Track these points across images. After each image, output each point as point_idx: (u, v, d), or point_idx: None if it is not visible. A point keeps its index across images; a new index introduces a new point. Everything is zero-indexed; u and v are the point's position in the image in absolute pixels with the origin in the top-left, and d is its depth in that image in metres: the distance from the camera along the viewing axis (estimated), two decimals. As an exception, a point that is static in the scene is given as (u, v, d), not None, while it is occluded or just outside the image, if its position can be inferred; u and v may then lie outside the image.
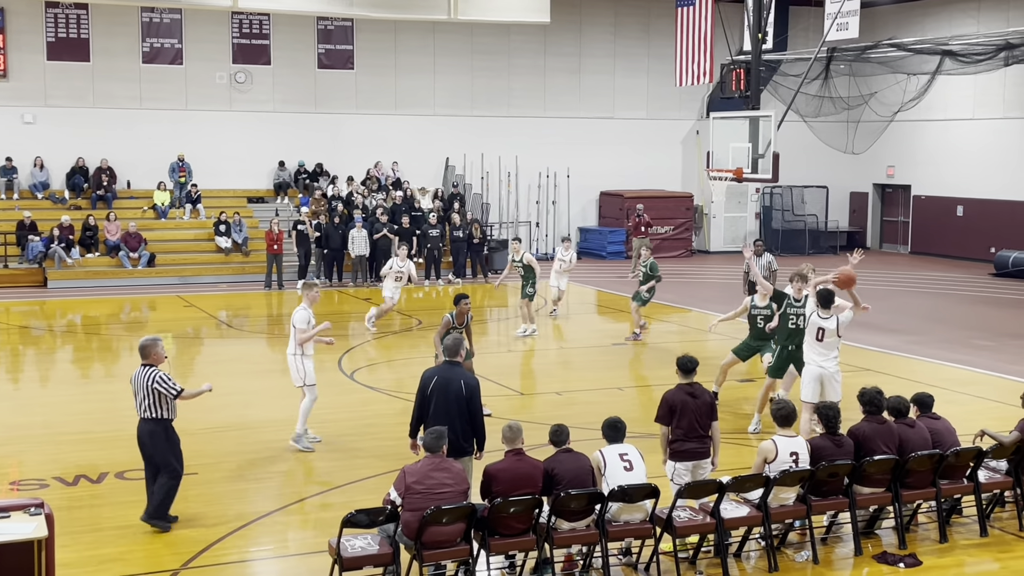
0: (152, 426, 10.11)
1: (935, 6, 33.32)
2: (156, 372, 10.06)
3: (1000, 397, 15.08)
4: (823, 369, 12.14)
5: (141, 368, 10.13)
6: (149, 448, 10.18)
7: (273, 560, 9.75)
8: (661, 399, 9.74)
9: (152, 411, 10.07)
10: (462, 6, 28.40)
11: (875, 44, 24.60)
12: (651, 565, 9.04)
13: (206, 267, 28.17)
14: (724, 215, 35.88)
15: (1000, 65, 22.90)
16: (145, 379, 10.03)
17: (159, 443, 10.14)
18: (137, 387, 10.10)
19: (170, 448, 10.23)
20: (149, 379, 10.01)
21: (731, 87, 24.10)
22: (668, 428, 9.73)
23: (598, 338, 20.89)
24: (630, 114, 35.06)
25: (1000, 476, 10.32)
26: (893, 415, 10.04)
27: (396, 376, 16.95)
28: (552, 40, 33.70)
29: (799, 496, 9.45)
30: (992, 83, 31.24)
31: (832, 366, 12.15)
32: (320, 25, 31.43)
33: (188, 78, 30.37)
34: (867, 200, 37.38)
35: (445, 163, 32.98)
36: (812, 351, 12.21)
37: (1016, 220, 31.62)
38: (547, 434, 9.09)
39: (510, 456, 8.75)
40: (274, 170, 31.20)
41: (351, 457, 12.50)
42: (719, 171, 23.45)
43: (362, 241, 27.55)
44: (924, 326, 21.91)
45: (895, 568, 9.25)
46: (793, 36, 32.78)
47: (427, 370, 9.81)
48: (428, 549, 8.32)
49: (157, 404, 10.04)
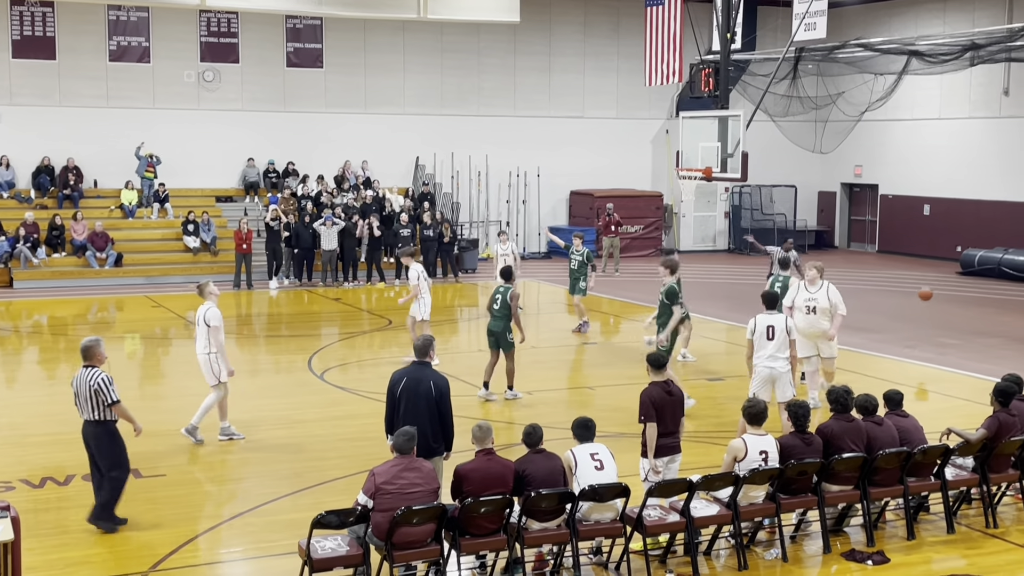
0: (95, 428, 10.01)
1: (902, 7, 33.59)
2: (99, 374, 9.97)
3: (966, 395, 15.21)
4: (772, 369, 12.43)
5: (83, 369, 10.03)
6: (93, 450, 10.08)
7: (243, 562, 9.70)
8: (641, 398, 9.73)
9: (95, 413, 9.96)
10: (432, 5, 28.35)
11: (843, 44, 24.74)
12: (621, 564, 9.06)
13: (174, 267, 27.98)
14: (694, 214, 36.03)
15: (966, 65, 23.08)
16: (88, 381, 9.92)
17: (103, 445, 10.05)
18: (79, 388, 9.99)
19: (115, 450, 10.12)
20: (91, 381, 9.90)
21: (700, 87, 24.14)
22: (654, 426, 9.70)
23: (569, 337, 20.91)
24: (600, 113, 35.13)
25: (967, 473, 10.41)
26: (861, 412, 10.12)
27: (366, 376, 16.91)
28: (522, 39, 33.71)
29: (768, 494, 9.50)
30: (958, 83, 31.55)
31: (782, 366, 12.44)
32: (289, 23, 31.29)
33: (155, 77, 30.15)
34: (835, 199, 37.64)
35: (415, 162, 32.91)
36: (763, 351, 12.44)
37: (982, 219, 31.93)
38: (518, 434, 9.09)
39: (480, 456, 8.74)
40: (243, 169, 31.05)
41: (321, 458, 12.45)
42: (688, 170, 23.51)
43: (331, 236, 27.44)
44: (891, 324, 22.08)
45: (863, 565, 9.32)
46: (762, 36, 32.93)
47: (396, 371, 9.78)
48: (398, 550, 8.30)
49: (100, 406, 9.94)
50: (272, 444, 13.08)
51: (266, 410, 14.72)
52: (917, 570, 9.22)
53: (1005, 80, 31.10)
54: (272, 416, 14.40)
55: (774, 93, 25.13)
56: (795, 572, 9.25)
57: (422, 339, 9.83)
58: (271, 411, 14.68)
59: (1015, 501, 10.80)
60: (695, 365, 17.58)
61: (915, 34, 27.52)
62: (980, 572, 9.09)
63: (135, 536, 9.95)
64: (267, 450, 12.83)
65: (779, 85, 25.01)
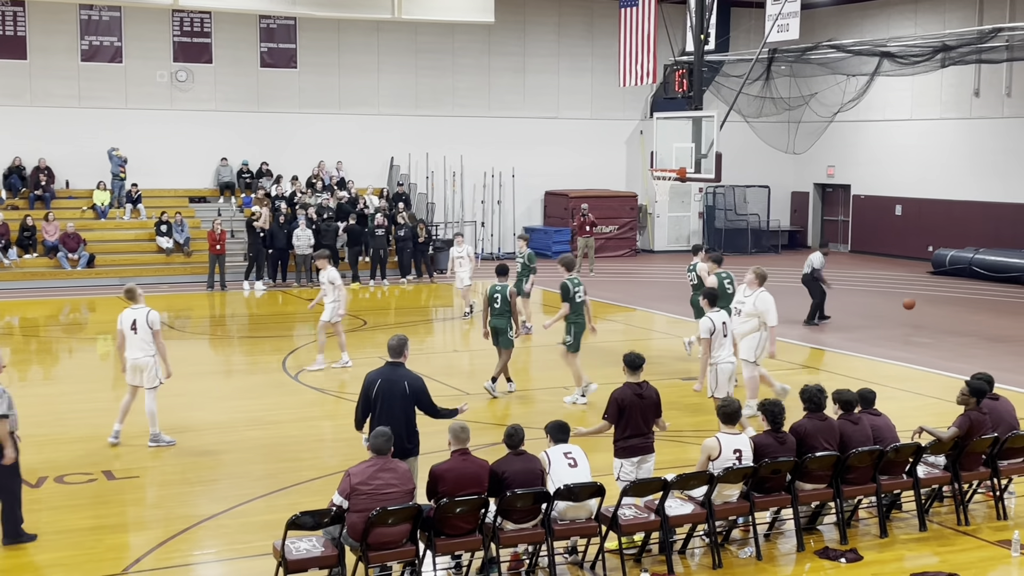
0: None
1: (873, 8, 33.82)
2: None
3: (938, 393, 15.33)
4: (732, 364, 12.81)
5: None
6: None
7: (217, 563, 9.66)
8: (610, 397, 9.79)
9: None
10: (406, 5, 28.31)
11: (815, 45, 24.91)
12: (597, 563, 9.08)
13: (147, 268, 27.82)
14: (668, 215, 36.14)
15: (937, 66, 23.28)
16: None
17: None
18: None
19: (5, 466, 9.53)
20: None
21: (674, 87, 24.25)
22: (612, 426, 9.79)
23: (544, 337, 20.93)
24: (575, 114, 35.19)
25: (938, 471, 10.49)
26: (844, 408, 10.18)
27: (341, 378, 16.86)
28: (496, 40, 33.72)
29: (742, 493, 9.54)
30: (929, 85, 31.80)
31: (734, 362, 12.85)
32: (263, 24, 31.18)
33: (128, 76, 29.97)
34: (808, 200, 37.85)
35: (390, 163, 32.86)
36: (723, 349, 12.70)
37: (953, 219, 32.19)
38: (492, 434, 9.09)
39: (456, 456, 8.74)
40: (216, 169, 30.91)
41: (295, 459, 12.41)
42: (663, 171, 23.59)
43: (306, 240, 27.38)
44: (864, 323, 22.22)
45: (836, 563, 9.37)
46: (735, 37, 33.08)
47: (370, 372, 9.73)
48: (374, 550, 8.28)
49: None
50: (246, 445, 13.03)
51: (240, 411, 14.67)
52: (889, 568, 9.28)
53: (976, 81, 31.37)
54: (246, 417, 14.35)
55: (747, 94, 25.27)
56: (769, 570, 9.29)
57: (396, 339, 9.79)
58: (245, 412, 14.63)
59: (986, 499, 10.89)
60: (669, 365, 17.61)
61: (887, 35, 27.74)
62: (952, 569, 9.16)
63: (108, 538, 9.89)
64: (241, 451, 12.78)
65: (752, 86, 25.14)
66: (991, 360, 17.94)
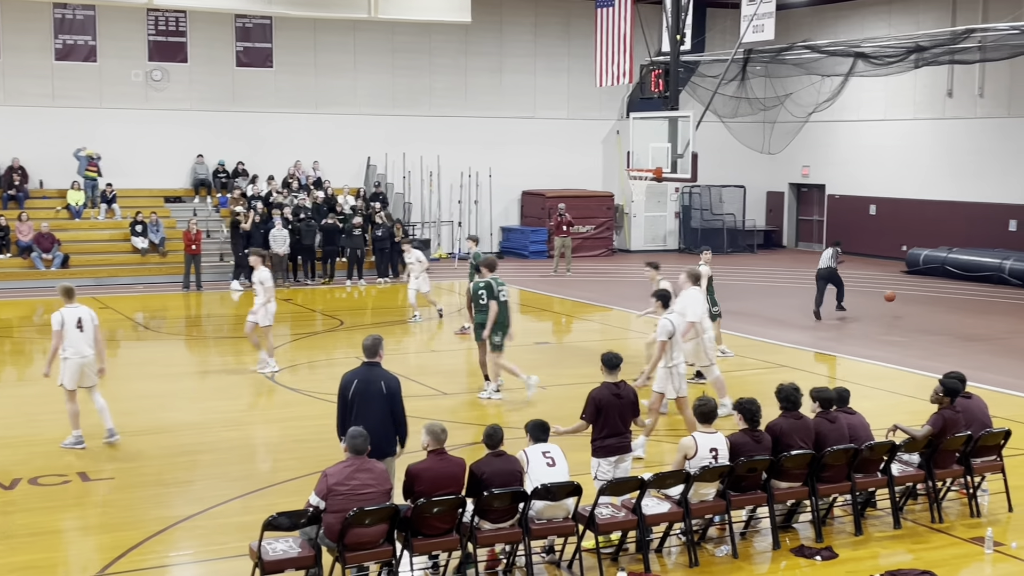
0: None
1: (847, 9, 34.01)
2: None
3: (912, 392, 15.43)
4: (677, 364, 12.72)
5: None
6: None
7: (193, 564, 9.62)
8: (588, 397, 9.80)
9: None
10: (382, 5, 28.26)
11: (790, 46, 25.02)
12: (574, 562, 9.10)
13: (122, 268, 27.68)
14: (644, 214, 36.24)
15: (910, 67, 23.44)
16: None
17: None
18: None
19: None
20: None
21: (650, 87, 24.32)
22: (588, 426, 9.80)
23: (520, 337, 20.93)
24: (551, 114, 35.23)
25: (912, 469, 10.56)
26: (824, 406, 10.25)
27: (318, 377, 16.82)
28: (473, 39, 33.72)
29: (719, 491, 9.58)
30: (903, 85, 32.01)
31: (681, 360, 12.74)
32: (238, 23, 31.06)
33: (102, 76, 29.80)
34: (783, 199, 38.03)
35: (367, 162, 32.80)
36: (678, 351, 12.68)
37: (926, 219, 32.42)
38: (470, 434, 9.09)
39: (432, 456, 8.73)
40: (192, 168, 30.78)
41: (272, 459, 12.38)
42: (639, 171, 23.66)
43: (283, 240, 27.30)
44: (838, 323, 22.34)
45: (812, 561, 9.43)
46: (711, 38, 33.20)
47: (346, 373, 9.69)
48: (351, 551, 8.27)
49: None
50: (222, 446, 12.98)
51: (216, 412, 14.62)
52: (864, 565, 9.34)
53: (949, 82, 31.60)
54: (222, 418, 14.30)
55: (723, 94, 25.37)
56: (745, 568, 9.33)
57: (371, 339, 9.77)
58: (221, 413, 14.58)
59: (960, 496, 10.97)
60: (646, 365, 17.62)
61: (861, 36, 27.91)
62: (926, 566, 9.22)
63: (83, 540, 9.84)
64: (217, 452, 12.73)
65: (728, 86, 25.25)
66: (964, 359, 18.08)
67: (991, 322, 22.65)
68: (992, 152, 30.76)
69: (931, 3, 31.59)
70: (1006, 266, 28.30)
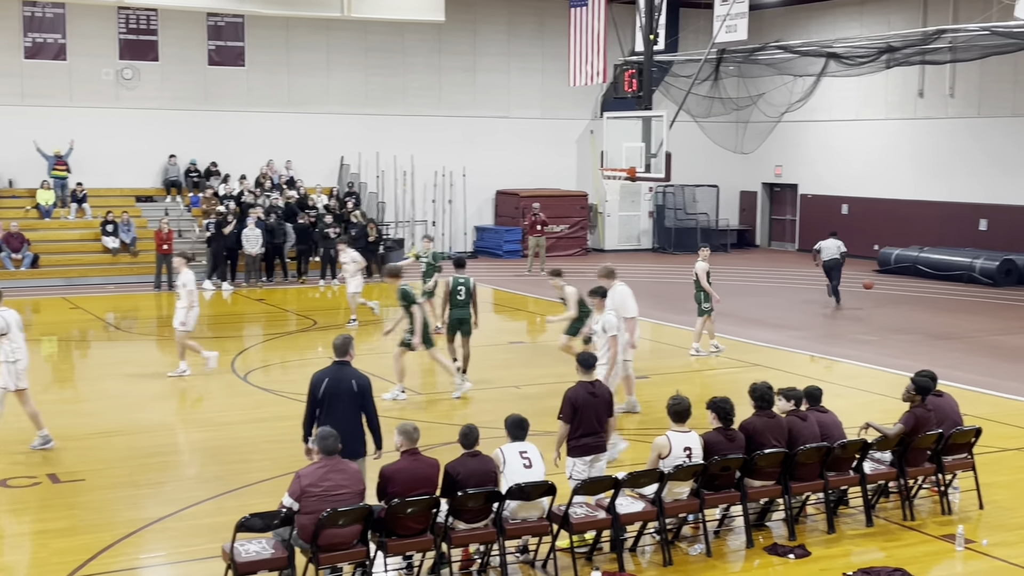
0: None
1: (820, 9, 34.19)
2: None
3: (884, 390, 15.52)
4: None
5: None
6: None
7: (165, 566, 9.55)
8: (564, 397, 9.79)
9: None
10: (355, 4, 28.16)
11: (763, 46, 25.13)
12: (548, 562, 9.09)
13: (93, 268, 27.48)
14: (618, 214, 36.32)
15: (882, 67, 23.59)
16: None
17: None
18: None
19: None
20: None
21: (624, 87, 24.37)
22: (567, 426, 9.77)
23: (495, 336, 20.94)
24: (525, 113, 35.23)
25: (884, 467, 10.61)
26: (811, 402, 10.36)
27: (290, 378, 16.75)
28: (447, 39, 33.67)
29: (692, 490, 9.60)
30: (875, 85, 32.21)
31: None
32: (210, 21, 30.89)
33: (72, 74, 29.57)
34: (756, 199, 38.20)
35: (340, 162, 32.70)
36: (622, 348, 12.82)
37: (898, 218, 32.64)
38: (444, 433, 9.06)
39: (406, 456, 8.70)
40: (164, 167, 30.59)
41: (245, 460, 12.31)
42: (613, 170, 23.70)
43: (255, 240, 27.18)
44: (811, 321, 22.45)
45: (785, 559, 9.46)
46: (684, 37, 33.30)
47: (316, 372, 9.63)
48: (324, 552, 8.23)
49: None
50: (195, 447, 12.91)
51: (188, 413, 14.53)
52: (837, 563, 9.38)
53: (920, 82, 31.83)
54: (195, 419, 14.22)
55: (696, 94, 25.45)
56: (719, 567, 9.35)
57: (341, 338, 9.74)
58: (193, 414, 14.49)
59: (931, 494, 11.04)
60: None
61: (833, 36, 28.05)
62: (898, 564, 9.27)
63: (53, 542, 9.74)
64: (189, 453, 12.66)
65: (701, 86, 25.33)
66: (935, 357, 18.22)
67: (962, 320, 22.82)
68: (963, 152, 31.01)
69: (902, 4, 31.80)
70: (977, 265, 28.53)
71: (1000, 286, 27.68)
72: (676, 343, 19.92)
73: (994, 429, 13.06)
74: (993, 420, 13.67)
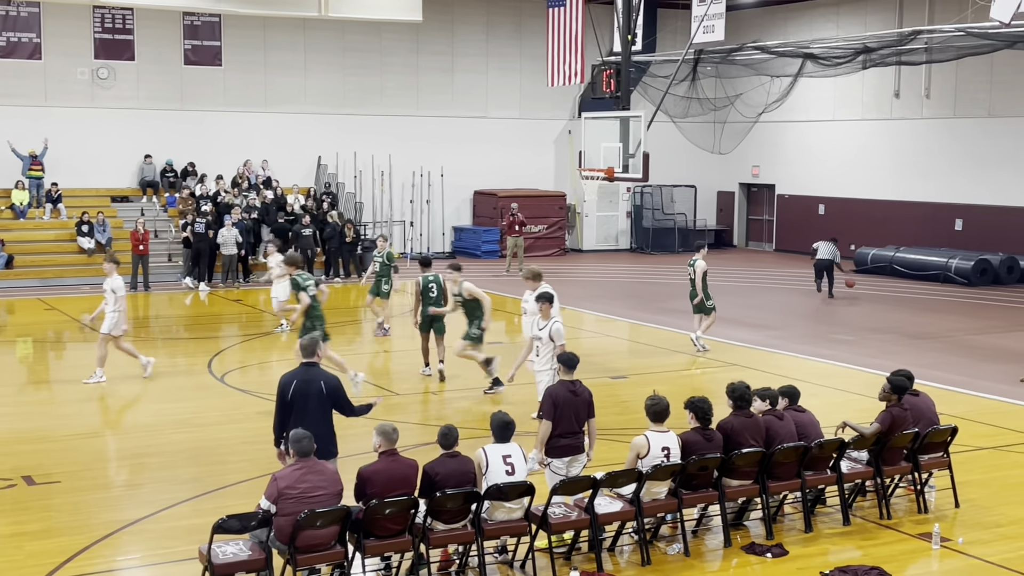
0: None
1: (797, 10, 34.33)
2: None
3: (860, 390, 15.59)
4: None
5: None
6: None
7: (141, 568, 9.49)
8: (544, 395, 9.80)
9: None
10: (333, 4, 28.07)
11: (740, 47, 25.20)
12: (527, 562, 9.08)
13: (68, 268, 27.29)
14: (596, 214, 36.35)
15: (858, 68, 23.70)
16: None
17: None
18: None
19: None
20: None
21: (602, 87, 24.38)
22: (550, 424, 9.74)
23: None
24: (503, 113, 35.22)
25: (861, 466, 10.66)
26: (774, 404, 10.35)
27: (268, 379, 16.67)
28: (424, 39, 33.62)
29: (671, 490, 9.61)
30: (851, 86, 32.37)
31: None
32: (186, 20, 30.74)
33: (47, 74, 29.36)
34: (733, 199, 38.32)
35: (317, 162, 32.60)
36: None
37: (874, 218, 32.81)
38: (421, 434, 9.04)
39: (384, 457, 8.67)
40: (139, 167, 30.41)
41: (222, 462, 12.25)
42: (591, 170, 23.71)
43: (232, 240, 27.06)
44: (788, 321, 22.53)
45: (763, 558, 9.48)
46: (662, 38, 33.37)
47: (284, 375, 9.59)
48: (302, 553, 8.20)
49: None
50: (171, 448, 12.83)
51: (165, 414, 14.44)
52: (814, 562, 9.41)
53: (896, 83, 32.00)
54: (171, 420, 14.13)
55: (674, 94, 25.50)
56: (697, 566, 9.37)
57: (308, 339, 9.72)
58: (170, 415, 14.41)
59: (907, 493, 11.10)
60: (600, 363, 17.69)
61: (810, 37, 28.18)
62: (875, 563, 9.31)
63: (28, 545, 9.66)
64: (166, 455, 12.58)
65: (679, 87, 25.38)
66: (912, 356, 18.32)
67: (938, 320, 22.96)
68: (938, 152, 31.20)
69: (879, 5, 31.97)
70: (952, 265, 28.71)
71: (975, 286, 27.86)
72: (654, 343, 19.95)
73: (970, 428, 13.14)
74: (969, 419, 13.75)
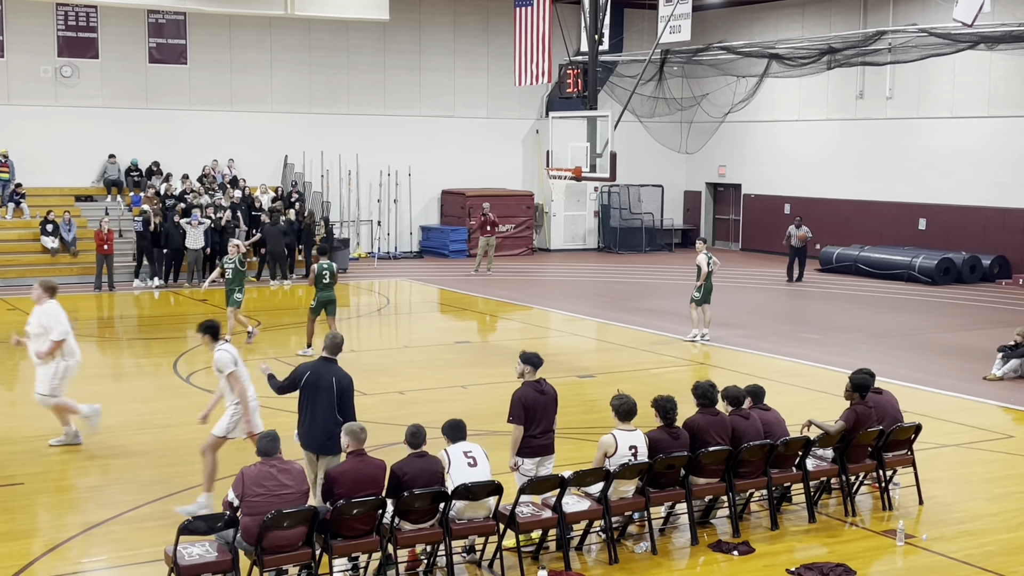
0: None
1: (763, 11, 34.53)
2: None
3: (825, 388, 15.71)
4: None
5: None
6: None
7: (106, 571, 9.42)
8: (513, 399, 9.67)
9: None
10: (299, 2, 27.97)
11: (706, 47, 25.31)
12: (495, 562, 9.09)
13: (31, 268, 26.98)
14: (564, 213, 36.41)
15: (823, 68, 23.86)
16: None
17: None
18: None
19: None
20: None
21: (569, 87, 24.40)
22: (522, 428, 9.64)
23: (441, 336, 20.91)
24: (471, 113, 35.20)
25: (827, 464, 10.74)
26: (732, 404, 10.37)
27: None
28: (392, 37, 33.55)
29: (638, 488, 9.65)
30: (816, 86, 32.60)
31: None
32: (151, 18, 30.50)
33: (10, 71, 29.06)
34: (700, 199, 38.49)
35: (284, 161, 32.46)
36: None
37: (839, 218, 33.07)
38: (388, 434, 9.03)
39: (352, 458, 8.66)
40: (104, 166, 30.16)
41: (188, 463, 12.17)
42: (558, 170, 23.71)
43: (199, 237, 26.90)
44: (754, 320, 22.66)
45: (729, 556, 9.54)
46: (628, 38, 33.46)
47: (301, 364, 9.89)
48: (269, 554, 8.17)
49: None
50: (136, 450, 12.74)
51: (130, 415, 14.34)
52: (780, 559, 9.48)
53: (860, 84, 32.26)
54: (136, 421, 14.03)
55: (641, 94, 25.56)
56: (664, 564, 9.41)
57: (339, 336, 9.94)
58: (135, 416, 14.30)
59: (872, 490, 11.20)
60: (567, 362, 17.73)
61: (775, 38, 28.36)
62: (840, 559, 9.39)
63: (-9, 548, 9.57)
64: (131, 456, 12.49)
65: (646, 86, 25.45)
66: (876, 354, 18.48)
67: (902, 319, 23.16)
68: (902, 152, 31.48)
69: (843, 5, 32.21)
70: (916, 264, 28.98)
71: (938, 284, 28.13)
72: (620, 342, 20.02)
73: (933, 426, 13.26)
74: (932, 417, 13.89)
